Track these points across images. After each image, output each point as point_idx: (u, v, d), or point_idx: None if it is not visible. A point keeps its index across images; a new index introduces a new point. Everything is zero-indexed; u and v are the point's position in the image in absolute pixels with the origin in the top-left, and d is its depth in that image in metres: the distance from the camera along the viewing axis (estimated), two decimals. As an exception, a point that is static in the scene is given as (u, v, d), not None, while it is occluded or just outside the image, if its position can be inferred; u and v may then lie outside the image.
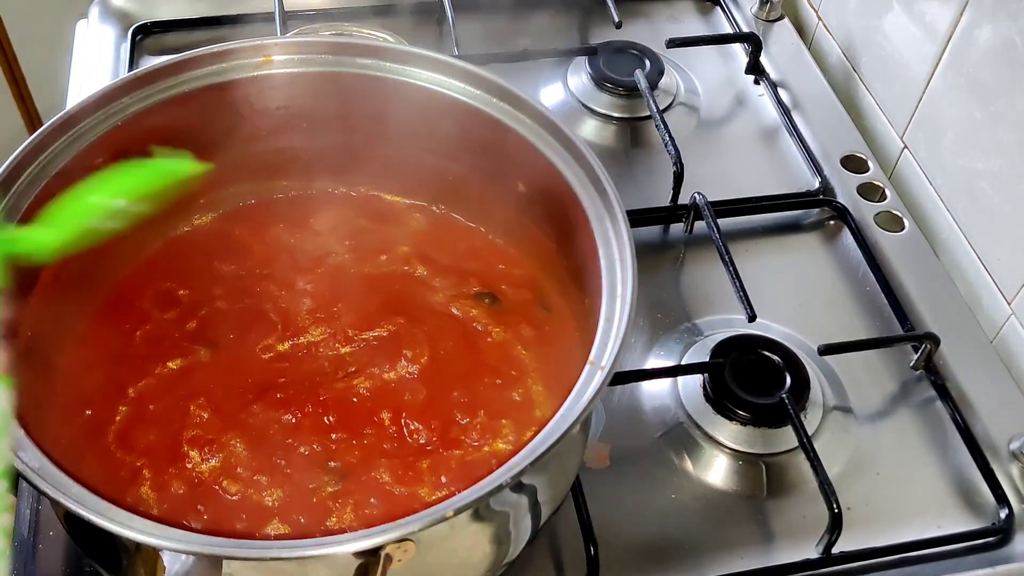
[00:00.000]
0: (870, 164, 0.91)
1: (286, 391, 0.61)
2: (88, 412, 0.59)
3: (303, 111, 0.68)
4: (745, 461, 0.70)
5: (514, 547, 0.57)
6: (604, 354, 0.53)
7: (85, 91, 0.88)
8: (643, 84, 0.91)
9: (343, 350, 0.64)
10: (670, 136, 0.86)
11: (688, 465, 0.70)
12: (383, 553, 0.46)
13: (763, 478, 0.70)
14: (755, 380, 0.72)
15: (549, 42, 0.99)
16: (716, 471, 0.70)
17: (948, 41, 0.84)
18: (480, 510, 0.52)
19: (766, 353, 0.73)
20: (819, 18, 1.05)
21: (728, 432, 0.71)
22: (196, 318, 0.65)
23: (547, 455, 0.48)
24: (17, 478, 0.46)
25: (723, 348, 0.73)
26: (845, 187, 0.89)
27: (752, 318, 0.73)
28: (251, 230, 0.70)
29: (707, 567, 0.65)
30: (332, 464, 0.58)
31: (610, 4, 0.98)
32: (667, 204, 0.85)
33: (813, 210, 0.88)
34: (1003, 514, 0.68)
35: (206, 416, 0.60)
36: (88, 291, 0.65)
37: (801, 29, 1.07)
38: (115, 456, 0.58)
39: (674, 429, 0.72)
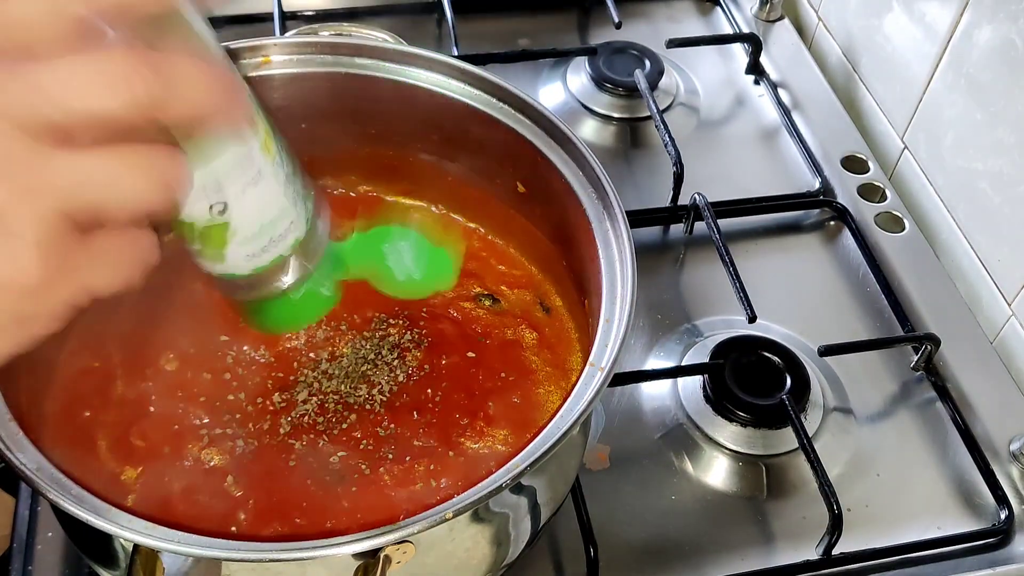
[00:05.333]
0: (870, 165, 0.91)
1: (285, 393, 0.61)
2: (87, 413, 0.59)
3: (302, 111, 0.68)
4: (745, 462, 0.70)
5: (514, 548, 0.57)
6: (604, 355, 0.53)
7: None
8: (643, 84, 0.91)
9: (342, 351, 0.64)
10: (670, 136, 0.86)
11: (688, 466, 0.70)
12: (382, 555, 0.46)
13: (763, 479, 0.69)
14: (755, 381, 0.72)
15: (549, 42, 0.99)
16: (716, 472, 0.70)
17: (948, 42, 0.84)
18: (480, 512, 0.52)
19: (766, 354, 0.73)
20: (819, 18, 1.05)
21: (728, 433, 0.71)
22: (194, 319, 0.64)
23: (546, 456, 0.48)
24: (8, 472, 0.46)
25: (723, 349, 0.73)
26: (845, 188, 0.89)
27: (752, 319, 0.73)
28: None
29: (707, 568, 0.65)
30: (331, 466, 0.58)
31: (610, 4, 0.98)
32: (667, 205, 0.85)
33: (813, 211, 0.88)
34: (1003, 515, 0.68)
35: (205, 418, 0.60)
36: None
37: (801, 29, 1.07)
38: (114, 457, 0.58)
39: (674, 430, 0.72)
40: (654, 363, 0.76)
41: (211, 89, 0.35)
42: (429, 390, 0.62)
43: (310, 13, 1.00)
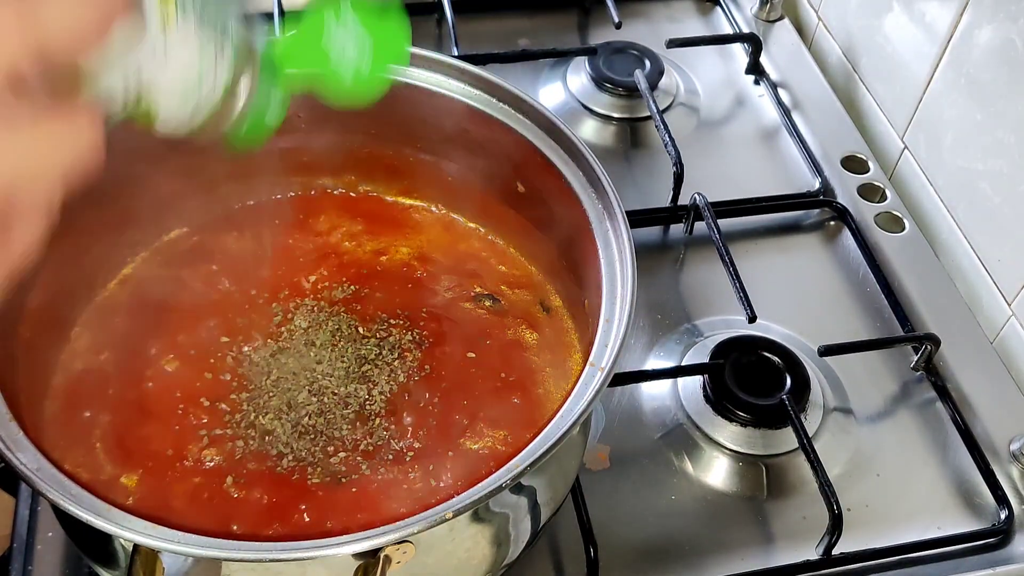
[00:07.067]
0: (870, 165, 0.91)
1: (285, 393, 0.61)
2: (87, 413, 0.59)
3: (302, 112, 0.68)
4: (745, 462, 0.70)
5: (514, 548, 0.57)
6: (604, 355, 0.53)
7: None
8: (643, 84, 0.91)
9: (342, 352, 0.64)
10: (670, 136, 0.86)
11: (688, 466, 0.70)
12: (382, 555, 0.46)
13: (763, 479, 0.69)
14: (755, 381, 0.72)
15: (549, 42, 0.99)
16: (716, 472, 0.70)
17: (948, 42, 0.84)
18: (480, 512, 0.52)
19: (766, 354, 0.73)
20: (819, 18, 1.05)
21: (728, 433, 0.71)
22: (194, 319, 0.65)
23: (546, 456, 0.48)
24: None
25: (723, 349, 0.73)
26: (845, 188, 0.89)
27: (752, 319, 0.73)
28: (250, 231, 0.70)
29: (707, 568, 0.65)
30: (331, 466, 0.58)
31: (610, 4, 0.98)
32: (667, 205, 0.85)
33: (813, 211, 0.88)
34: (1003, 515, 0.68)
35: (204, 418, 0.60)
36: (86, 291, 0.65)
37: (801, 29, 1.07)
38: (114, 457, 0.58)
39: (674, 430, 0.72)
40: (654, 363, 0.76)
41: (84, 6, 0.33)
42: (429, 391, 0.62)
43: (310, 13, 1.00)
